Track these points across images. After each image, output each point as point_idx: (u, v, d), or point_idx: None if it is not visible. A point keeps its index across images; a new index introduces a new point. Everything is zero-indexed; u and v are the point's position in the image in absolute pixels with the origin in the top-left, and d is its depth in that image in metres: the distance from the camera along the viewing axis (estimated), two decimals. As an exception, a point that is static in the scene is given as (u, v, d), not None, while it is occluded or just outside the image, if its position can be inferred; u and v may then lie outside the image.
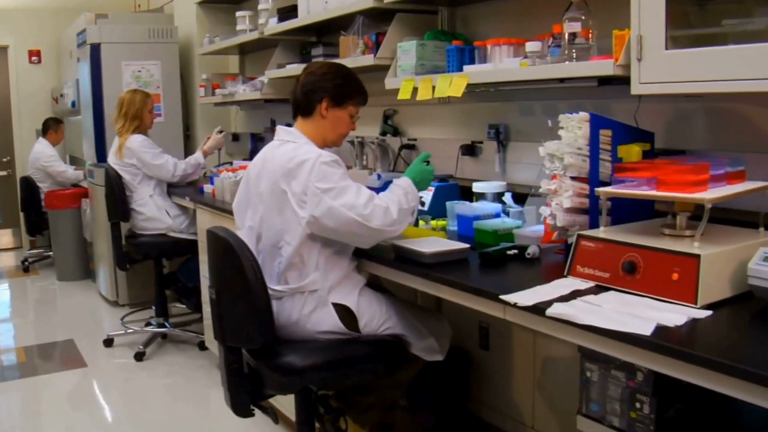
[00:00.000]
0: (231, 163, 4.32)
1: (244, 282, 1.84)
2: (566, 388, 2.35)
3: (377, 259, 2.06)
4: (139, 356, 3.85)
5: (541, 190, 1.84)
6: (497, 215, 2.30)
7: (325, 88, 2.07)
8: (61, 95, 6.19)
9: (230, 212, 3.13)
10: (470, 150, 2.71)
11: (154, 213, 3.92)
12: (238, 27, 4.01)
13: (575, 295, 1.57)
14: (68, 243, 5.70)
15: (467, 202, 2.42)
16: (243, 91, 3.96)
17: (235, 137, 4.90)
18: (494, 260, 1.90)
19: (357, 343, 1.99)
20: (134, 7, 6.28)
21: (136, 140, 3.90)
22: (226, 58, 5.09)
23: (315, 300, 1.96)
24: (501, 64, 2.24)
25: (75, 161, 6.14)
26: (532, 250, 1.93)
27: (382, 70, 2.74)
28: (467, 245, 1.96)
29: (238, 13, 4.00)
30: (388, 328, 2.05)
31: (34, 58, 7.02)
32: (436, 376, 2.49)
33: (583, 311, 1.45)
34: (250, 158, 4.53)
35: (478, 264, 1.90)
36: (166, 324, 4.11)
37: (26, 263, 6.32)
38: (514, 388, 2.59)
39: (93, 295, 5.31)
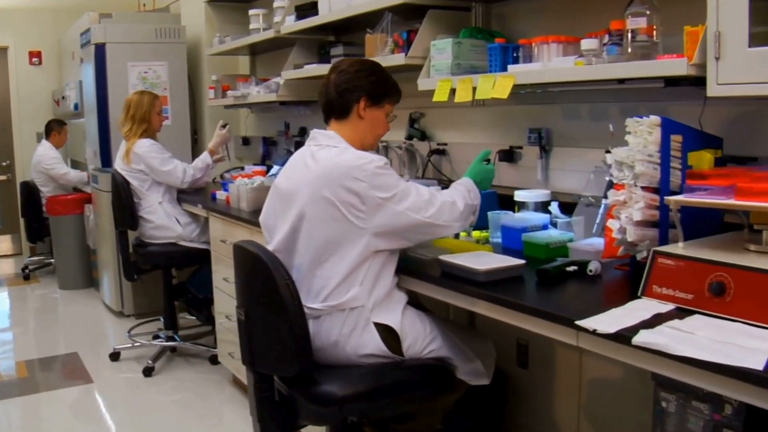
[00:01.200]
0: (243, 168, 4.15)
1: (278, 303, 1.67)
2: (616, 411, 2.18)
3: (420, 276, 1.88)
4: (148, 371, 3.66)
5: (608, 201, 1.67)
6: (545, 227, 2.13)
7: (361, 86, 1.91)
8: (63, 97, 6.00)
9: (246, 221, 2.98)
10: (509, 156, 2.54)
11: (164, 221, 3.73)
12: (251, 26, 3.84)
13: (658, 319, 1.40)
14: (70, 250, 5.51)
15: (510, 212, 2.25)
16: (257, 93, 3.78)
17: (246, 141, 4.73)
18: (553, 277, 1.73)
19: (400, 368, 1.82)
20: (138, 7, 6.10)
21: (143, 145, 3.72)
22: (235, 59, 4.91)
23: (356, 318, 1.79)
24: (550, 64, 2.07)
25: (76, 166, 5.94)
26: (593, 266, 1.76)
27: (411, 70, 2.57)
28: (523, 261, 1.78)
29: (251, 12, 3.82)
30: (432, 350, 1.88)
31: (34, 59, 6.83)
32: (472, 398, 2.32)
33: (675, 340, 1.28)
34: (262, 163, 4.37)
35: (535, 282, 1.74)
36: (176, 337, 3.92)
37: (26, 271, 6.12)
38: (557, 410, 2.42)
39: (96, 304, 5.12)
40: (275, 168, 3.75)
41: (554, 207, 2.21)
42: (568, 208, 2.25)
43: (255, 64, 4.75)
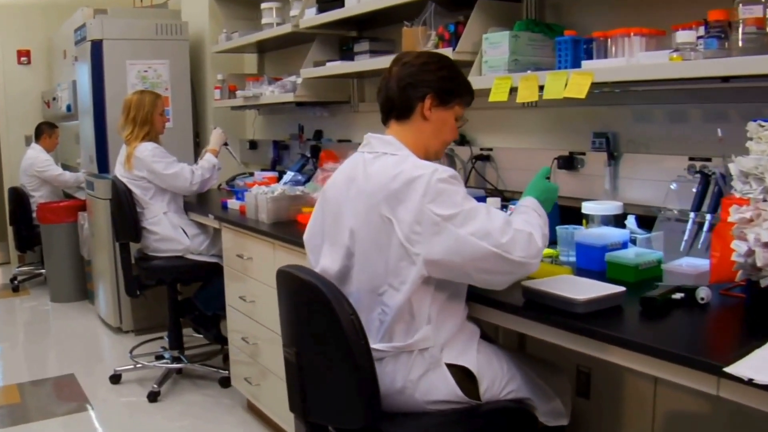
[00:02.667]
0: (252, 174, 3.86)
1: (341, 343, 1.39)
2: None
3: (496, 304, 1.62)
4: (153, 396, 3.36)
5: (732, 219, 1.42)
6: (624, 244, 1.87)
7: (428, 81, 1.62)
8: (54, 98, 5.67)
9: (267, 234, 2.70)
10: (568, 162, 2.28)
11: (169, 232, 3.43)
12: (264, 20, 3.55)
13: (818, 366, 1.15)
14: (63, 260, 5.17)
15: (580, 227, 2.00)
16: (271, 93, 3.50)
17: (253, 145, 4.43)
18: (660, 307, 1.48)
19: (477, 414, 1.55)
20: (133, 2, 5.79)
21: (146, 149, 3.41)
22: (240, 58, 4.63)
23: (425, 361, 1.52)
24: (633, 59, 1.82)
25: (67, 170, 5.62)
26: (704, 293, 1.51)
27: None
28: (623, 288, 1.52)
29: (264, 5, 3.54)
30: (511, 391, 1.62)
31: (23, 58, 6.46)
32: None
33: None
34: (272, 168, 4.08)
35: (639, 312, 1.48)
36: (182, 358, 3.62)
37: (15, 282, 5.77)
38: (624, 447, 2.17)
39: (92, 318, 4.80)
40: (289, 174, 3.47)
41: (631, 221, 1.96)
42: (641, 222, 2.00)
43: (263, 63, 4.46)
